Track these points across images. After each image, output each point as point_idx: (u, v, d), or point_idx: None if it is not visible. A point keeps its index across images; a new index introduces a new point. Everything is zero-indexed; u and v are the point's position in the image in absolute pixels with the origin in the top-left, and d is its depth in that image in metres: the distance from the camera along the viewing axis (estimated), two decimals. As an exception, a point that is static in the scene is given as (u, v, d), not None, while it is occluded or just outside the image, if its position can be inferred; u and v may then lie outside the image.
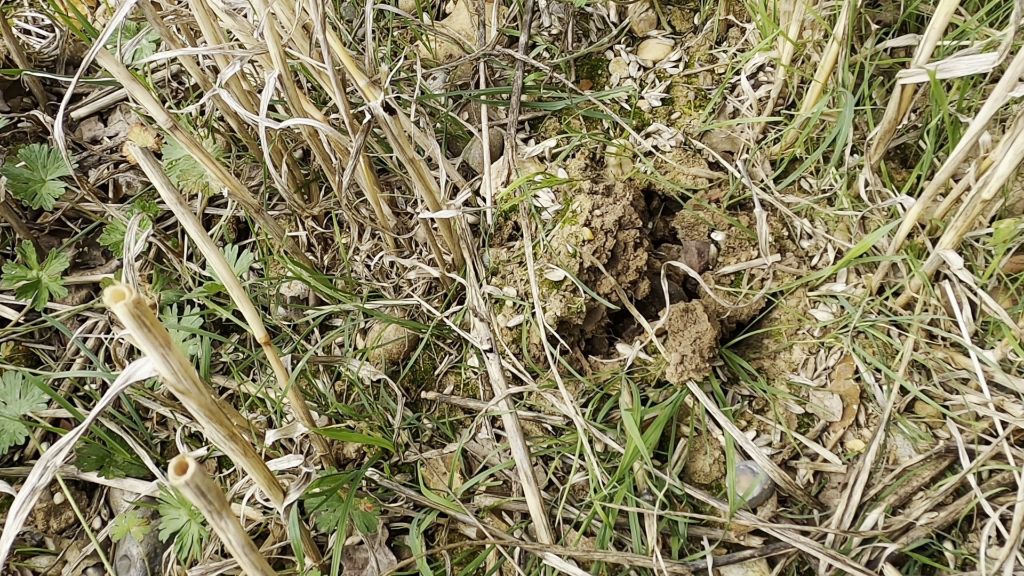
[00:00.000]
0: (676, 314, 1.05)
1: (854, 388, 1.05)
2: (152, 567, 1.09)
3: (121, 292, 0.52)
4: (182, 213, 0.76)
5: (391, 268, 1.23)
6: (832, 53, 1.07)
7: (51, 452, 0.63)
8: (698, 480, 1.03)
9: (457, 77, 1.40)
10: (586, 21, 1.44)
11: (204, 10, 1.00)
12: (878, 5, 1.26)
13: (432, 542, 1.06)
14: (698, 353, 1.02)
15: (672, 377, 1.03)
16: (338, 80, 0.92)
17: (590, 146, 1.28)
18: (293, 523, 0.90)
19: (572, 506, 1.03)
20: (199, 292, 1.18)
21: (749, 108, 1.26)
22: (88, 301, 1.32)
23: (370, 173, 1.10)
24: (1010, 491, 0.94)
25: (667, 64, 1.35)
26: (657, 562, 0.93)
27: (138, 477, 1.14)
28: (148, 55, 1.23)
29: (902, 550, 0.93)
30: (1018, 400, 0.98)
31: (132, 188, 1.44)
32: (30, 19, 1.62)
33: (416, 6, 1.46)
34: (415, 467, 1.09)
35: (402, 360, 1.17)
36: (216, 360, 1.22)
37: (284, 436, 0.95)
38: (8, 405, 1.14)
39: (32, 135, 1.48)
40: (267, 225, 1.15)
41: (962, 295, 1.02)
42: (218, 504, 0.61)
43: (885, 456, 1.01)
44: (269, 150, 0.96)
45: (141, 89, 0.85)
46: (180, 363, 0.60)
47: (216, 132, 1.31)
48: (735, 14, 1.35)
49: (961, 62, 0.91)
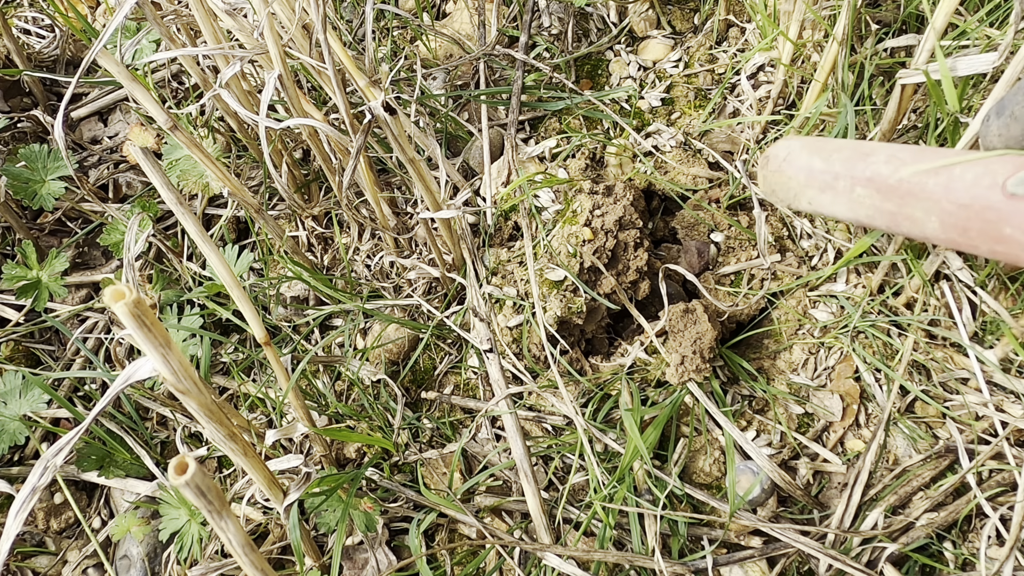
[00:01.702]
0: (676, 315, 1.05)
1: (854, 388, 1.05)
2: (152, 567, 1.09)
3: (121, 292, 0.52)
4: (182, 213, 0.76)
5: (391, 268, 1.23)
6: (832, 53, 1.07)
7: (51, 452, 0.63)
8: (698, 480, 1.03)
9: (457, 77, 1.40)
10: (586, 21, 1.44)
11: (204, 10, 1.00)
12: (878, 5, 1.26)
13: (432, 542, 1.06)
14: (698, 354, 1.02)
15: (672, 378, 1.03)
16: (338, 80, 0.92)
17: (590, 146, 1.28)
18: (293, 523, 0.90)
19: (572, 506, 1.03)
20: (199, 292, 1.18)
21: (749, 108, 1.26)
22: (88, 301, 1.32)
23: (370, 173, 1.10)
24: (1010, 491, 0.94)
25: (667, 64, 1.35)
26: (657, 562, 0.93)
27: (138, 477, 1.14)
28: (148, 55, 1.23)
29: (902, 550, 0.93)
30: (1018, 400, 0.98)
31: (132, 188, 1.44)
32: (30, 19, 1.62)
33: (416, 6, 1.46)
34: (415, 467, 1.09)
35: (402, 360, 1.17)
36: (216, 360, 1.22)
37: (284, 436, 0.95)
38: (8, 405, 1.14)
39: (32, 135, 1.48)
40: (267, 225, 1.15)
41: (962, 295, 1.02)
42: (218, 504, 0.61)
43: (885, 456, 1.01)
44: (269, 150, 0.96)
45: (141, 89, 0.85)
46: (180, 363, 0.60)
47: (216, 132, 1.31)
48: (735, 14, 1.35)
49: (961, 62, 0.91)
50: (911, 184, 0.79)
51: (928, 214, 0.78)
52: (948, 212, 0.75)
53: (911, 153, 0.82)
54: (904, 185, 0.80)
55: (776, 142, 0.99)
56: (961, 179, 0.74)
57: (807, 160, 0.92)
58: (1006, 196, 0.69)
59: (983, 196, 0.72)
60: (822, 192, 0.90)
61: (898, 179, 0.80)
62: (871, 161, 0.84)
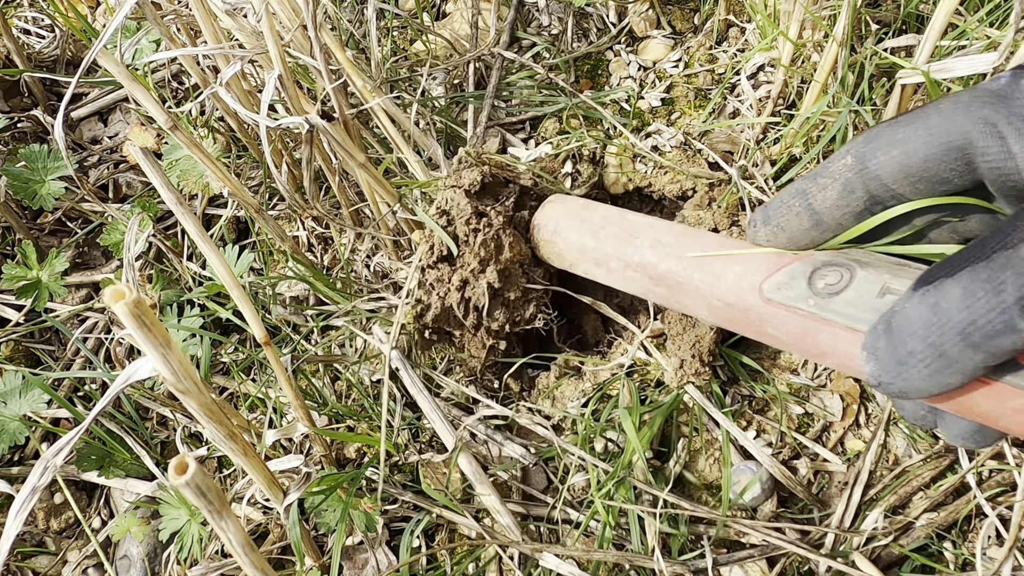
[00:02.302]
0: (675, 317, 1.05)
1: (854, 388, 1.05)
2: (152, 567, 1.09)
3: (121, 292, 0.52)
4: (182, 213, 0.76)
5: (391, 268, 1.23)
6: (832, 53, 1.07)
7: (51, 452, 0.63)
8: (698, 480, 1.03)
9: (456, 77, 1.40)
10: (586, 21, 1.44)
11: (204, 10, 1.00)
12: (878, 5, 1.26)
13: (432, 542, 1.06)
14: (698, 357, 1.01)
15: (672, 382, 1.03)
16: (336, 79, 0.92)
17: (590, 146, 1.28)
18: (293, 523, 0.90)
19: (572, 507, 1.03)
20: (199, 292, 1.18)
21: (749, 108, 1.26)
22: (88, 301, 1.32)
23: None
24: (1010, 491, 0.94)
25: (667, 64, 1.35)
26: (657, 562, 0.93)
27: (138, 477, 1.14)
28: (148, 55, 1.23)
29: (902, 550, 0.93)
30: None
31: (132, 188, 1.44)
32: (30, 19, 1.62)
33: (416, 6, 1.46)
34: (415, 467, 1.09)
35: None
36: (216, 360, 1.22)
37: (284, 436, 0.95)
38: (8, 405, 1.14)
39: (32, 135, 1.48)
40: (267, 225, 1.15)
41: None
42: (218, 504, 0.61)
43: (885, 456, 1.01)
44: (269, 150, 0.96)
45: (141, 89, 0.85)
46: (180, 363, 0.60)
47: (216, 132, 1.31)
48: (735, 14, 1.35)
49: (960, 62, 0.91)
50: (678, 275, 0.81)
51: (698, 305, 0.80)
52: (715, 307, 0.77)
53: (675, 236, 0.84)
54: (672, 276, 0.82)
55: (542, 208, 0.99)
56: (723, 278, 0.76)
57: (578, 236, 0.93)
58: (763, 300, 0.71)
59: (744, 297, 0.73)
60: (597, 267, 0.91)
61: (666, 268, 0.82)
62: (638, 245, 0.86)
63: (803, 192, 0.66)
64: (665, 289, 0.83)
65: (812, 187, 0.65)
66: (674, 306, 0.85)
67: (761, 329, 0.73)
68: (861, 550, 0.93)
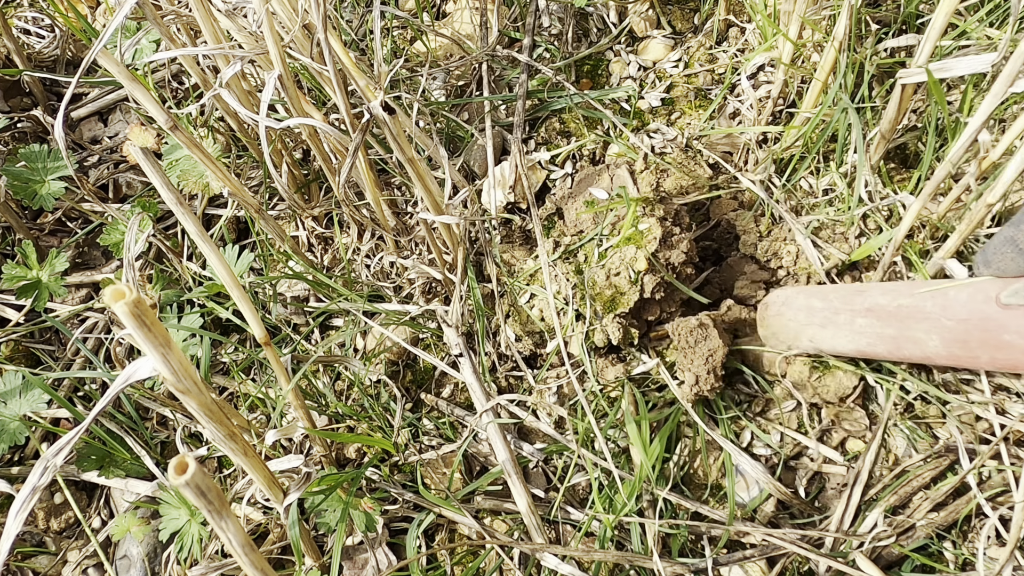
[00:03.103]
0: (686, 331, 1.02)
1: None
2: (152, 567, 1.09)
3: (121, 292, 0.52)
4: (182, 213, 0.76)
5: (391, 268, 1.23)
6: (832, 53, 1.07)
7: (51, 452, 0.63)
8: (699, 480, 1.03)
9: (457, 77, 1.40)
10: (586, 21, 1.44)
11: (204, 10, 0.99)
12: (878, 5, 1.26)
13: (432, 542, 1.06)
14: (712, 372, 1.00)
15: (687, 397, 1.02)
16: (339, 80, 0.92)
17: (590, 147, 1.28)
18: (293, 523, 0.90)
19: (572, 507, 1.03)
20: (199, 292, 1.18)
21: (749, 108, 1.26)
22: (88, 301, 1.32)
23: (371, 173, 1.10)
24: (1010, 491, 0.94)
25: (667, 64, 1.35)
26: (656, 563, 0.93)
27: (138, 477, 1.14)
28: (148, 55, 1.23)
29: (902, 550, 0.93)
30: (1018, 400, 0.98)
31: (132, 188, 1.44)
32: (30, 19, 1.62)
33: (416, 6, 1.46)
34: (415, 467, 1.09)
35: (402, 360, 1.17)
36: (216, 360, 1.22)
37: (284, 436, 0.95)
38: (8, 405, 1.14)
39: (32, 135, 1.48)
40: (267, 225, 1.15)
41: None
42: (218, 504, 0.61)
43: (885, 456, 1.01)
44: (269, 150, 0.96)
45: (141, 89, 0.85)
46: (180, 363, 0.60)
47: (216, 132, 1.31)
48: (735, 14, 1.35)
49: (961, 62, 0.91)
50: (910, 308, 0.88)
51: (929, 333, 0.86)
52: (948, 328, 0.84)
53: (905, 286, 0.92)
54: (903, 310, 0.89)
55: (772, 291, 1.06)
56: (956, 299, 0.84)
57: (805, 301, 0.99)
58: (1001, 307, 0.79)
59: (979, 309, 0.82)
60: (823, 328, 0.97)
61: (897, 305, 0.89)
62: (867, 295, 0.93)
63: (1011, 239, 0.79)
64: (895, 328, 0.89)
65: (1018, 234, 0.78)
66: (902, 349, 0.90)
67: (998, 340, 0.80)
68: (861, 550, 0.93)
